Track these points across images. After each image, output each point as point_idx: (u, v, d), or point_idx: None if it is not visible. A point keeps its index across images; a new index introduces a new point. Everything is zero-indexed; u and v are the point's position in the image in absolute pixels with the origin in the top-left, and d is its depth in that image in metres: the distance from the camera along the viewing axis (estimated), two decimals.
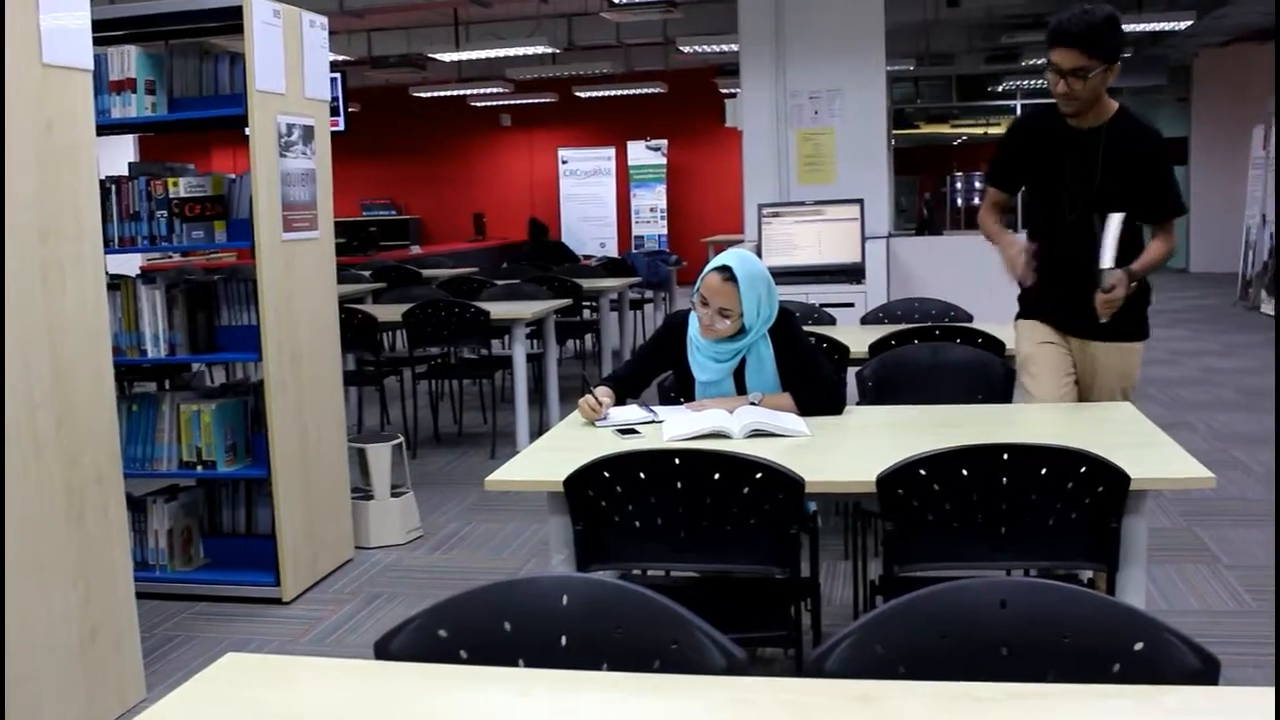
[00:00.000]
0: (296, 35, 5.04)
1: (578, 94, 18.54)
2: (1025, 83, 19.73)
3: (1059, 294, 4.00)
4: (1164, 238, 3.95)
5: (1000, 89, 20.71)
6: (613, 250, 18.63)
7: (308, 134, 5.11)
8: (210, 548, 5.23)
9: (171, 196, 4.90)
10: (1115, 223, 3.68)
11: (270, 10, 4.83)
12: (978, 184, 28.17)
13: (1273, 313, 13.20)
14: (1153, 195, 3.89)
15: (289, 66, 4.97)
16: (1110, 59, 3.74)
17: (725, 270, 3.72)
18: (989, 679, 1.70)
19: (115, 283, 4.85)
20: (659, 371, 4.06)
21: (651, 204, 19.67)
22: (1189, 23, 12.68)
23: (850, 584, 4.76)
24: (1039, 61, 16.60)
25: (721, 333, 3.75)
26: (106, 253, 4.18)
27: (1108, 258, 3.67)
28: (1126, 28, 14.63)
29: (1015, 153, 4.10)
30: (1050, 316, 4.14)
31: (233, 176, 4.98)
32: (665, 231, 19.49)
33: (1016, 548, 2.95)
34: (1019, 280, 3.95)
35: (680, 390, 3.97)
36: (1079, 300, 3.83)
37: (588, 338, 10.97)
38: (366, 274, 10.86)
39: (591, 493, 2.99)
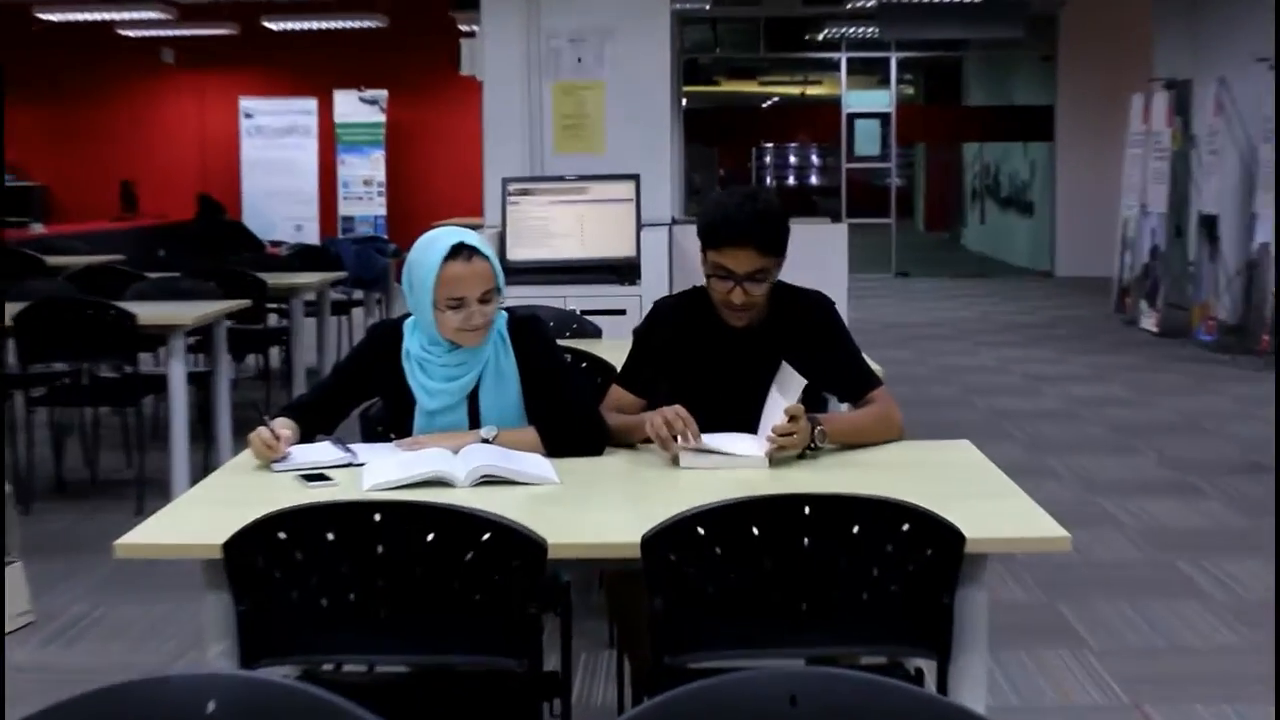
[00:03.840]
0: None
1: (267, 25, 18.23)
2: (852, 30, 20.22)
3: None
4: (878, 406, 3.97)
5: (821, 37, 21.16)
6: (312, 236, 18.37)
7: None
8: None
9: None
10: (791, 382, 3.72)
11: None
12: (793, 158, 28.92)
13: (1154, 327, 13.75)
14: (839, 372, 4.02)
15: None
16: (784, 254, 3.92)
17: (463, 251, 3.71)
18: None
19: None
20: (362, 398, 4.03)
21: (366, 175, 19.50)
22: None
23: (615, 680, 4.78)
24: (868, 3, 17.07)
25: (489, 324, 3.76)
26: None
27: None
28: None
29: (655, 351, 4.11)
30: None
31: None
32: (384, 212, 19.34)
33: (821, 629, 3.01)
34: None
35: (391, 423, 3.94)
36: None
37: (274, 352, 10.78)
38: None
39: (262, 560, 2.93)
